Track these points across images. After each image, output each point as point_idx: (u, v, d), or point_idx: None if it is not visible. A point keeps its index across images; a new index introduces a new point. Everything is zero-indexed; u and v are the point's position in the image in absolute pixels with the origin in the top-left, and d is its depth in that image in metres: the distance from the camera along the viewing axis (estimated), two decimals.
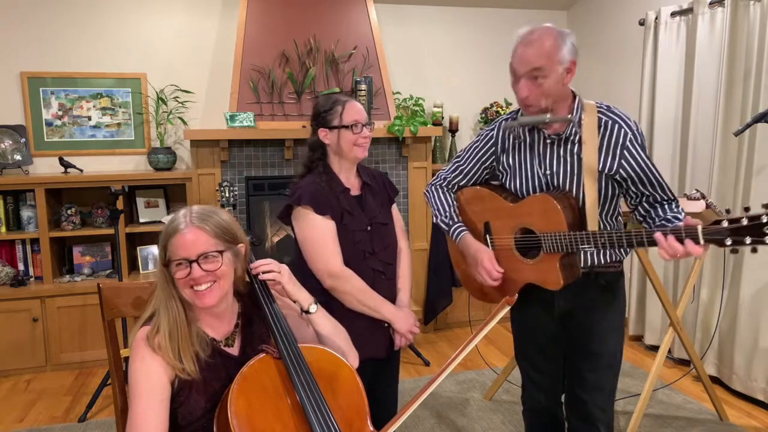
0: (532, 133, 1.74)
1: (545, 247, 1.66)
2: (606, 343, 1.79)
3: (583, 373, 1.81)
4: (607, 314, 1.79)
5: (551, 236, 1.64)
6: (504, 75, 2.75)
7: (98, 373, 3.50)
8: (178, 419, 1.35)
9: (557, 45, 1.56)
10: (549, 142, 1.70)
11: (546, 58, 1.56)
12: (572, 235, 1.60)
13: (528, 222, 1.71)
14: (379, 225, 1.94)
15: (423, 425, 2.83)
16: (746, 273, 3.02)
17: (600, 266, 1.74)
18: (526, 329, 1.93)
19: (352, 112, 1.87)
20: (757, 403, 3.00)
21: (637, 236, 1.49)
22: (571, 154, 1.67)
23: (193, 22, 4.00)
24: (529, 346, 1.94)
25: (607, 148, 1.64)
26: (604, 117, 1.65)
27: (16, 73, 3.75)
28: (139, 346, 1.33)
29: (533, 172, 1.74)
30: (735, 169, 3.08)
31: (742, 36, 3.05)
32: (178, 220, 1.35)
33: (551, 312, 1.81)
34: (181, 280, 1.33)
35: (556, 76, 1.58)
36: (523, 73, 1.59)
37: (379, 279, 1.92)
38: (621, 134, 1.63)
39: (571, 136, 1.67)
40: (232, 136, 3.54)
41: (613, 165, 1.64)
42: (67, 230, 3.64)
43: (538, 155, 1.73)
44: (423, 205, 3.99)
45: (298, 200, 1.83)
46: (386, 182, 2.07)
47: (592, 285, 1.75)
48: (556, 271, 1.66)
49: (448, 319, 4.19)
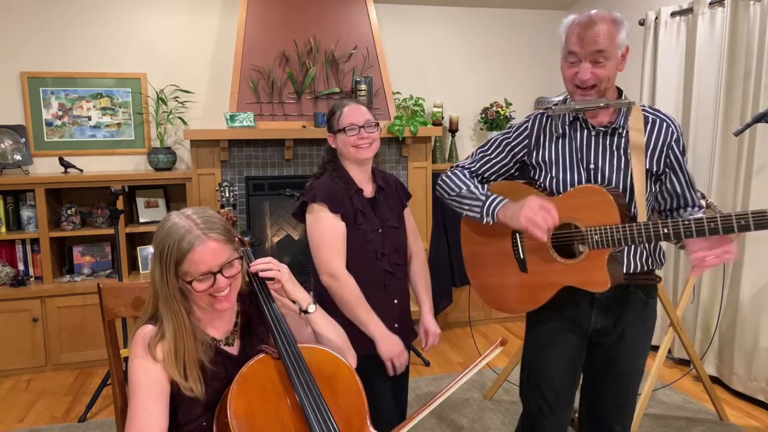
0: (573, 126, 1.65)
1: (591, 242, 1.53)
2: (637, 362, 1.70)
3: (607, 392, 1.73)
4: (642, 332, 1.69)
5: (600, 230, 1.52)
6: (504, 74, 2.75)
7: (98, 373, 3.50)
8: (178, 418, 1.35)
9: (617, 29, 1.55)
10: (594, 134, 1.62)
11: (609, 40, 1.53)
12: (627, 226, 1.48)
13: (571, 216, 1.57)
14: (390, 228, 1.98)
15: (423, 425, 2.83)
16: (746, 273, 3.02)
17: (638, 277, 1.64)
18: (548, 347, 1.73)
19: (348, 116, 1.92)
20: (757, 403, 3.00)
21: (698, 225, 1.40)
22: (618, 148, 1.60)
23: (193, 22, 4.00)
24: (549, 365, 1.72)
25: (654, 146, 1.61)
26: (650, 114, 1.62)
27: (16, 73, 3.75)
28: (139, 345, 1.33)
29: (575, 167, 1.64)
30: (735, 169, 3.08)
31: (742, 36, 3.05)
32: (189, 236, 1.28)
33: (581, 330, 1.68)
34: (202, 292, 1.32)
35: (616, 60, 1.56)
36: (587, 54, 1.54)
37: (390, 279, 1.96)
38: (669, 132, 1.61)
39: (619, 129, 1.60)
40: (232, 136, 3.54)
41: (660, 163, 1.61)
42: (67, 230, 3.64)
43: (580, 149, 1.64)
44: (423, 204, 3.99)
45: (313, 197, 1.88)
46: (399, 187, 2.11)
47: (631, 298, 1.65)
48: (603, 269, 1.52)
49: (448, 319, 4.19)
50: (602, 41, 1.52)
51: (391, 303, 1.97)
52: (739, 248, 3.05)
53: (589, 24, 1.53)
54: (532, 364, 1.78)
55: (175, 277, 1.31)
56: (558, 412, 1.75)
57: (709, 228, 1.39)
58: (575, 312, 1.67)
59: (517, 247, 1.71)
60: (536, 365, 1.77)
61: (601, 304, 1.65)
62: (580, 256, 1.57)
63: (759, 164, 2.95)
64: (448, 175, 1.82)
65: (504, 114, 4.32)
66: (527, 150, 1.73)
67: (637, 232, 1.47)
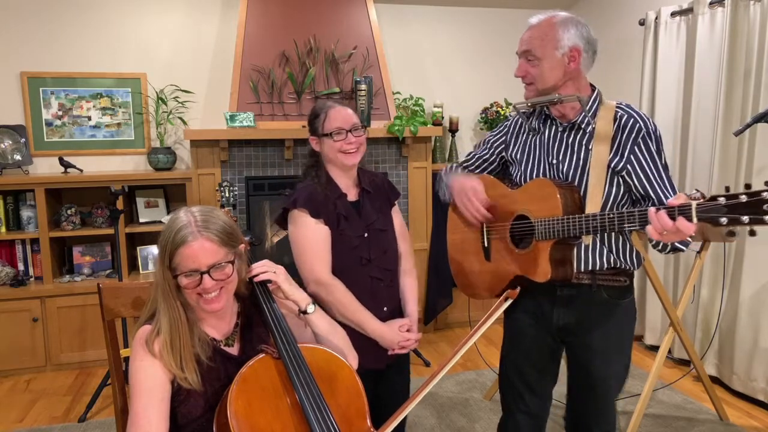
0: (545, 123, 1.72)
1: (537, 233, 1.59)
2: (608, 367, 1.69)
3: (582, 396, 1.75)
4: (611, 333, 1.68)
5: (544, 222, 1.57)
6: (504, 75, 2.71)
7: (98, 373, 3.50)
8: (178, 418, 1.35)
9: (554, 30, 1.60)
10: (561, 130, 1.68)
11: (538, 41, 1.61)
12: (565, 219, 1.53)
13: (525, 208, 1.65)
14: (377, 231, 1.90)
15: (423, 425, 2.83)
16: (746, 273, 3.02)
17: (603, 276, 1.65)
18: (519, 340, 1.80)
19: (334, 120, 1.84)
20: (757, 403, 3.00)
21: (630, 215, 1.41)
22: (580, 144, 1.64)
23: (193, 22, 4.00)
24: (520, 359, 1.79)
25: (619, 142, 1.59)
26: (621, 112, 1.63)
27: (16, 73, 3.75)
28: (138, 346, 1.33)
29: (540, 162, 1.71)
30: (735, 169, 3.08)
31: (742, 36, 3.05)
32: (185, 230, 1.30)
33: (548, 325, 1.72)
34: (190, 289, 1.32)
35: (553, 61, 1.61)
36: (519, 54, 1.67)
37: (378, 286, 1.89)
38: (635, 128, 1.59)
39: (582, 125, 1.64)
40: (232, 136, 3.54)
41: (622, 159, 1.58)
42: (67, 230, 3.64)
43: (546, 144, 1.70)
44: (423, 204, 3.99)
45: (293, 203, 1.82)
46: (387, 185, 2.03)
47: (594, 298, 1.66)
48: (545, 260, 1.58)
49: (448, 319, 4.19)
50: (529, 42, 1.64)
51: (380, 310, 1.88)
52: (740, 248, 3.05)
53: (528, 25, 1.67)
54: (505, 355, 1.86)
55: (169, 269, 1.33)
56: (531, 405, 1.79)
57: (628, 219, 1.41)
58: (540, 306, 1.72)
59: (483, 236, 1.80)
60: (507, 356, 1.85)
61: (562, 300, 1.69)
62: (529, 246, 1.64)
63: (759, 164, 2.95)
64: (441, 172, 1.97)
65: (504, 114, 4.32)
66: (504, 145, 1.84)
67: (572, 225, 1.52)
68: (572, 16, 1.64)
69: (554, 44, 1.60)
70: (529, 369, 1.78)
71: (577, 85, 1.65)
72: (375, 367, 1.85)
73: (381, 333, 1.84)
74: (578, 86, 1.65)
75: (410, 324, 1.93)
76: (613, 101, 1.68)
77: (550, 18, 1.63)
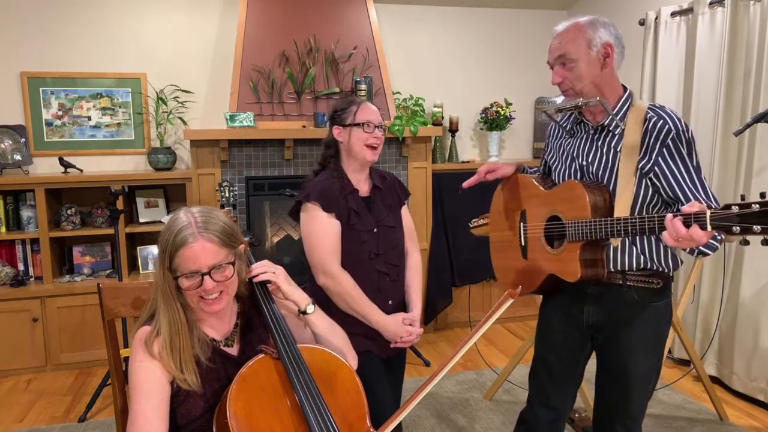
0: (579, 125, 1.75)
1: (569, 234, 1.62)
2: (636, 363, 1.68)
3: (605, 391, 1.76)
4: (640, 332, 1.68)
5: (575, 223, 1.60)
6: (504, 75, 2.72)
7: (98, 373, 3.51)
8: (177, 419, 1.35)
9: (583, 31, 1.62)
10: (592, 132, 1.70)
11: (571, 45, 1.63)
12: (592, 222, 1.54)
13: (557, 209, 1.69)
14: (386, 228, 1.97)
15: (423, 425, 2.83)
16: (746, 273, 3.02)
17: (634, 277, 1.65)
18: (548, 335, 1.86)
19: (366, 112, 1.93)
20: (757, 403, 3.00)
21: (650, 221, 1.42)
22: (609, 146, 1.65)
23: (193, 22, 4.00)
24: (547, 352, 1.85)
25: (647, 144, 1.57)
26: (652, 113, 1.61)
27: (16, 73, 3.75)
28: (137, 347, 1.33)
29: (571, 163, 1.75)
30: (735, 169, 3.08)
31: (742, 36, 3.05)
32: (185, 231, 1.30)
33: (578, 323, 1.75)
34: (191, 291, 1.32)
35: (588, 59, 1.62)
36: (553, 61, 1.67)
37: (384, 280, 1.95)
38: (663, 130, 1.55)
39: (611, 127, 1.65)
40: (232, 136, 3.54)
41: (650, 161, 1.57)
42: (67, 230, 3.64)
43: (577, 146, 1.73)
44: (423, 204, 3.99)
45: (307, 197, 1.88)
46: (397, 185, 2.10)
47: (625, 298, 1.67)
48: (575, 260, 1.60)
49: (448, 319, 4.19)
50: (562, 47, 1.65)
51: (385, 303, 1.95)
52: (740, 248, 3.05)
53: (554, 33, 1.69)
54: (535, 349, 1.91)
55: (169, 271, 1.32)
56: (552, 399, 1.84)
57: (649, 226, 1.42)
58: (572, 304, 1.75)
59: (520, 234, 1.85)
60: (537, 350, 1.90)
61: (592, 299, 1.71)
62: (561, 246, 1.67)
63: (759, 164, 2.95)
64: None
65: (504, 114, 4.32)
66: (547, 149, 1.91)
67: (598, 228, 1.53)
68: (596, 17, 1.66)
69: (587, 43, 1.62)
70: (555, 363, 1.83)
71: (612, 83, 1.66)
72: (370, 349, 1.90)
73: (385, 324, 1.90)
74: (612, 85, 1.66)
75: (413, 319, 1.99)
76: (645, 102, 1.67)
77: (576, 22, 1.65)
